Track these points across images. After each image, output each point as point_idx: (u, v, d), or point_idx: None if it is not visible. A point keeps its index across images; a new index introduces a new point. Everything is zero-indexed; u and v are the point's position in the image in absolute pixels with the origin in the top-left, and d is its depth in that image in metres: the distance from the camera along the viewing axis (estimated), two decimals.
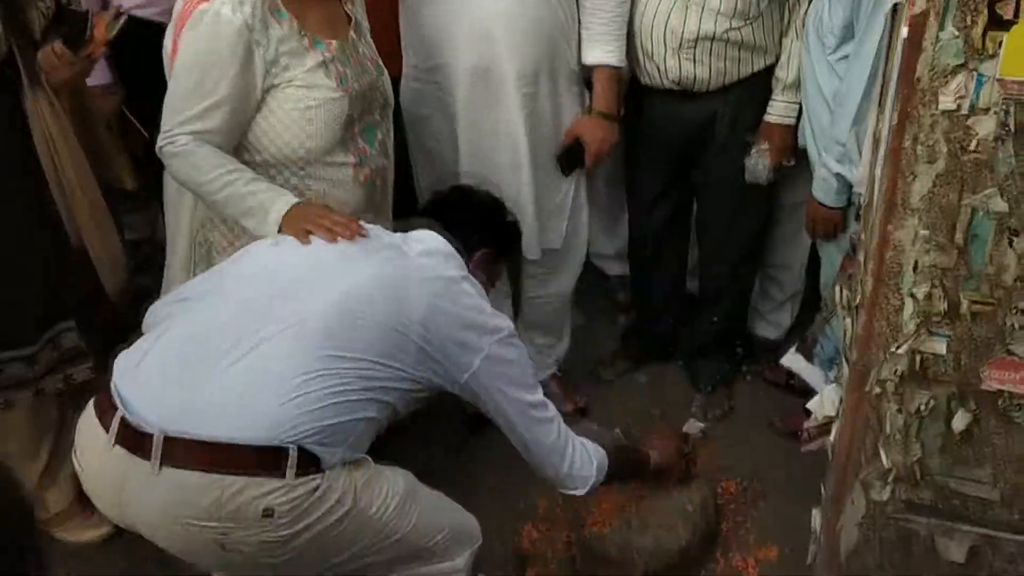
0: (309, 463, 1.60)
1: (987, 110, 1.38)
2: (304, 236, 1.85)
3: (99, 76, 2.58)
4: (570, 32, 2.48)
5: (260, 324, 1.67)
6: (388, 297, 1.74)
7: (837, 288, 2.01)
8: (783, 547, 2.45)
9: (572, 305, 3.16)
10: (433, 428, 2.91)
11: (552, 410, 1.93)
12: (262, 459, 1.56)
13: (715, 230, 2.79)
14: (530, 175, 2.53)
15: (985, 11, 1.33)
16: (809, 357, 2.43)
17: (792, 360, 2.47)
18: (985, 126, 1.39)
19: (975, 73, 1.37)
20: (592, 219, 3.33)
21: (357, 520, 1.69)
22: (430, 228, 1.94)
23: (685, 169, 2.74)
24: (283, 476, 1.57)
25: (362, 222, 1.91)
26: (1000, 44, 1.34)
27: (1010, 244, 1.45)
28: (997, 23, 1.33)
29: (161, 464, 1.56)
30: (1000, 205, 1.43)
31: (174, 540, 1.64)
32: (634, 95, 2.68)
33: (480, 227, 2.05)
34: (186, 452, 1.56)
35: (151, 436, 1.57)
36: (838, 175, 2.30)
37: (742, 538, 2.50)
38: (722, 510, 2.56)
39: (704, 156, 2.65)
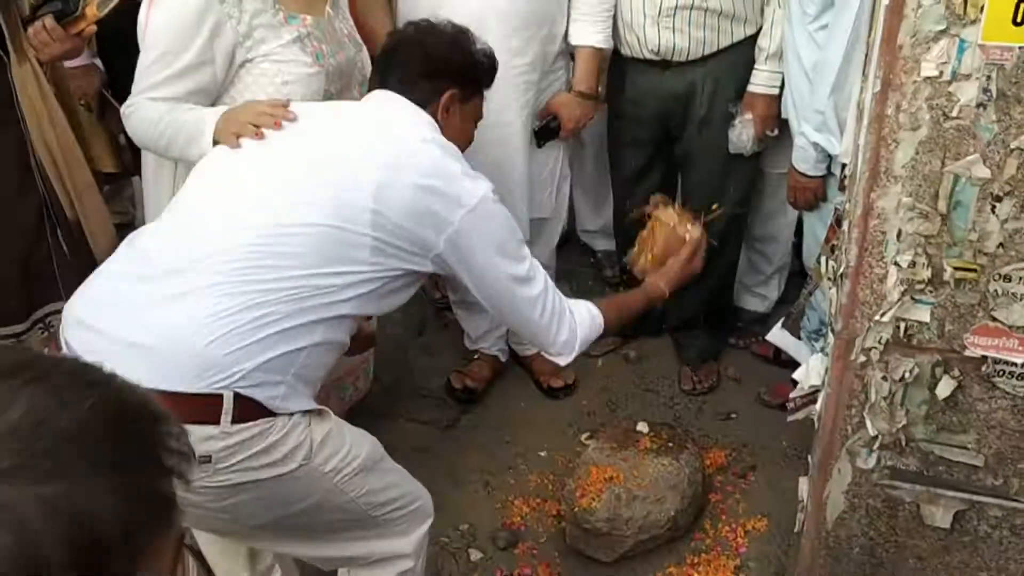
0: (251, 408, 1.52)
1: (969, 76, 1.38)
2: (234, 141, 1.75)
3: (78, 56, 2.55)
4: (563, 14, 2.50)
5: (187, 261, 1.58)
6: (326, 193, 1.59)
7: (822, 259, 2.01)
8: (772, 517, 2.47)
9: (560, 283, 3.16)
10: (424, 406, 2.93)
11: (539, 284, 1.76)
12: (195, 406, 1.48)
13: (699, 202, 2.77)
14: (525, 156, 2.55)
15: None
16: (795, 332, 2.43)
17: (778, 336, 2.47)
18: (967, 92, 1.39)
19: (957, 39, 1.37)
20: (579, 195, 3.35)
21: (309, 476, 1.60)
22: (384, 88, 1.78)
23: (668, 142, 2.73)
24: (218, 423, 1.49)
25: (294, 104, 1.78)
26: (982, 9, 1.34)
27: (992, 211, 1.46)
28: None
29: None
30: (983, 171, 1.43)
31: None
32: (615, 68, 2.68)
33: (444, 65, 1.82)
34: None
35: None
36: (816, 144, 2.30)
37: (731, 508, 2.52)
38: (711, 481, 2.58)
39: (686, 128, 2.65)
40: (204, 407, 1.48)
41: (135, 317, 1.54)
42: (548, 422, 2.86)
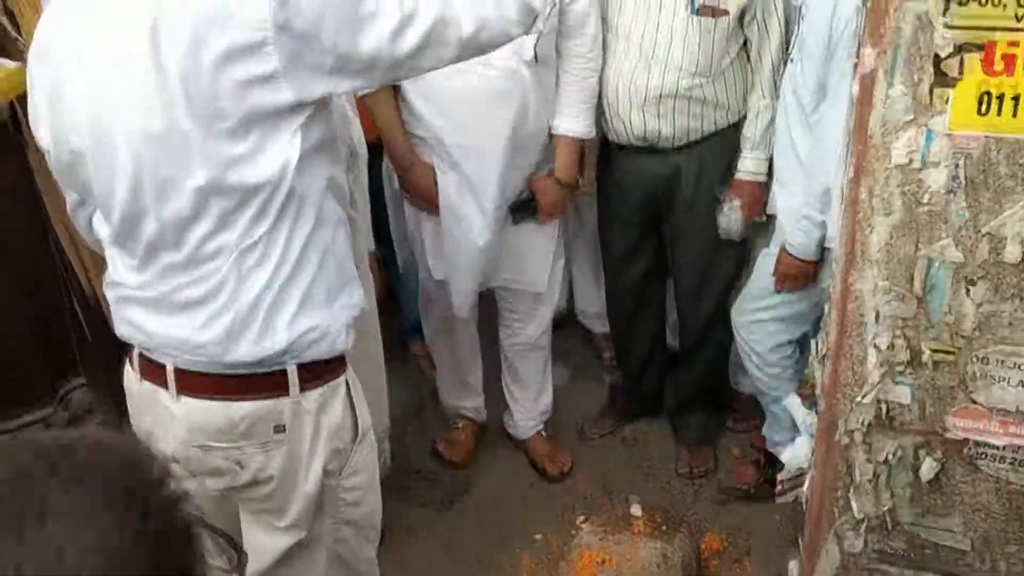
0: (315, 368, 1.55)
1: (938, 163, 1.42)
2: None
3: None
4: (550, 103, 2.57)
5: (153, 278, 1.53)
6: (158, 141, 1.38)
7: (813, 340, 2.04)
8: None
9: (558, 364, 3.19)
10: (420, 485, 2.92)
11: (428, 5, 1.44)
12: (263, 382, 1.52)
13: (689, 284, 2.82)
14: (494, 221, 2.60)
15: (931, 69, 1.38)
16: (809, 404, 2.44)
17: (791, 403, 2.48)
18: (937, 179, 1.43)
19: (925, 128, 1.41)
20: (577, 276, 3.40)
21: (328, 490, 1.62)
22: None
23: (656, 225, 2.78)
24: (287, 394, 1.53)
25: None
26: (947, 100, 1.39)
27: (967, 293, 1.48)
28: (943, 80, 1.38)
29: (179, 393, 1.54)
30: (955, 255, 1.46)
31: (192, 470, 1.59)
32: (603, 152, 2.75)
33: None
34: (196, 382, 1.53)
35: (165, 367, 1.55)
36: (823, 223, 2.33)
37: None
38: (706, 565, 2.55)
39: (673, 211, 2.70)
40: (272, 380, 1.52)
41: (170, 307, 1.52)
42: (543, 503, 2.85)
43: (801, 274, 2.46)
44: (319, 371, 1.56)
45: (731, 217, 2.57)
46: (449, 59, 1.51)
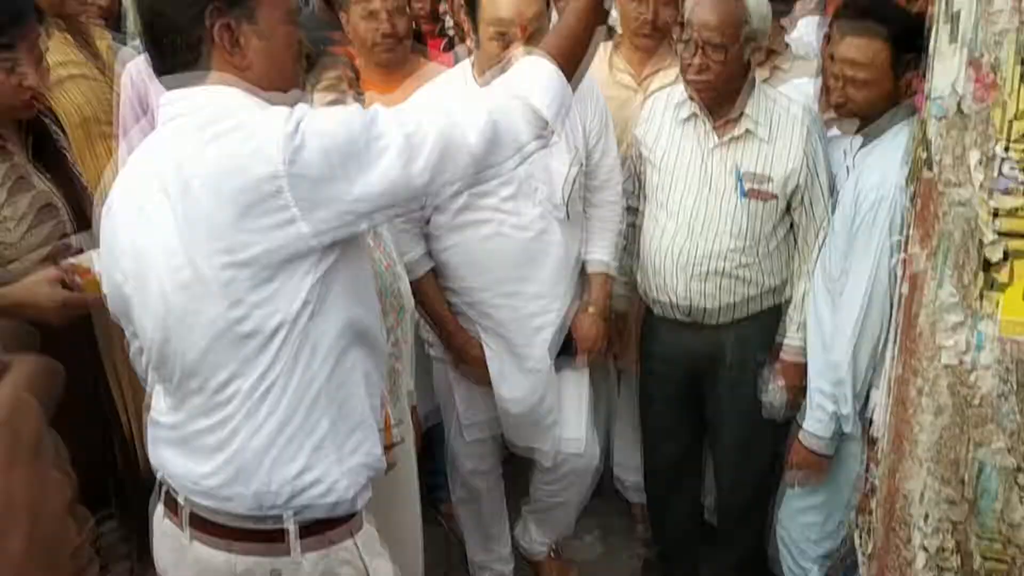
0: (318, 526, 1.55)
1: (989, 367, 1.41)
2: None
3: None
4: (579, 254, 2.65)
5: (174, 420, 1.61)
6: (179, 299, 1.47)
7: (857, 532, 1.97)
8: None
9: (592, 533, 3.14)
10: None
11: (428, 126, 1.43)
12: (264, 536, 1.54)
13: (729, 461, 2.76)
14: (545, 378, 2.61)
15: (981, 272, 1.39)
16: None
17: None
18: (988, 382, 1.41)
19: (975, 331, 1.41)
20: (618, 445, 3.35)
21: None
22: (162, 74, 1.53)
23: (697, 402, 2.76)
24: (287, 554, 1.54)
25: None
26: (997, 304, 1.38)
27: (1021, 501, 1.44)
28: (993, 284, 1.38)
29: (190, 534, 1.58)
30: (1008, 461, 1.43)
31: None
32: (647, 326, 2.77)
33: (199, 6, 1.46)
34: (203, 524, 1.57)
35: (179, 505, 1.60)
36: (834, 414, 2.29)
37: None
38: None
39: (715, 388, 2.69)
40: (272, 538, 1.54)
41: (188, 453, 1.59)
42: None
43: (813, 466, 2.40)
44: (323, 532, 1.56)
45: (775, 396, 2.55)
46: (467, 177, 1.48)
